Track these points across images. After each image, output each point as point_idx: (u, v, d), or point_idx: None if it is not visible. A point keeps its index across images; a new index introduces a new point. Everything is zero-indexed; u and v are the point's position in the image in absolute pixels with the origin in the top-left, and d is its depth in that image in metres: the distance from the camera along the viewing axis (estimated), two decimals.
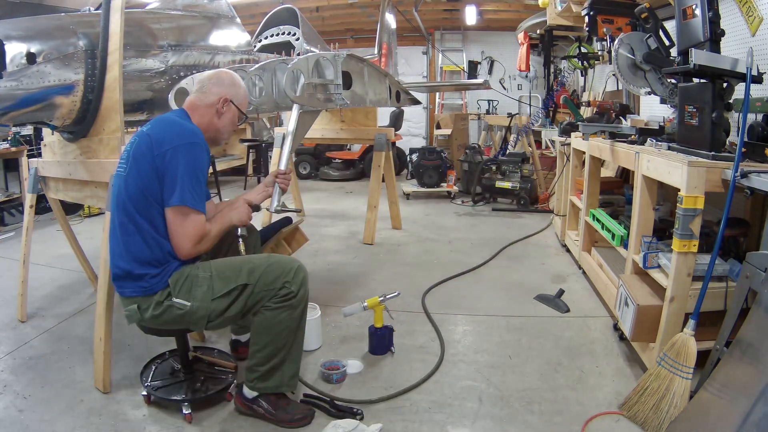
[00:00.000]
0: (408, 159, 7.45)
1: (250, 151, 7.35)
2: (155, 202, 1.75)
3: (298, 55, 3.30)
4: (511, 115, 6.96)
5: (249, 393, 1.95)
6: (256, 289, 1.83)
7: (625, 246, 2.64)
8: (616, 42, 2.76)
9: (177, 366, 2.15)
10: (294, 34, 3.84)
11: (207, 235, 1.81)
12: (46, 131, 2.64)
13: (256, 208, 2.11)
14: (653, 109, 3.83)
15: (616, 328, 2.62)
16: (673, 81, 2.65)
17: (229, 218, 1.94)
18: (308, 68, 3.03)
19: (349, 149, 8.17)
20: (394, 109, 7.38)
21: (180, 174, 1.73)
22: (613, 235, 2.80)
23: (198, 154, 1.79)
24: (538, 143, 6.87)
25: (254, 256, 1.96)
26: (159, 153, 1.73)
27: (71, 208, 5.09)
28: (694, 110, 2.09)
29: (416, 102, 4.78)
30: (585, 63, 5.49)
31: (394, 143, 7.04)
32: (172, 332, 1.99)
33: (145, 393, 2.05)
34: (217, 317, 1.83)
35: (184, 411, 1.94)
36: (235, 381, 2.09)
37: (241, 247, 2.07)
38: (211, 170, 5.98)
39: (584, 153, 3.48)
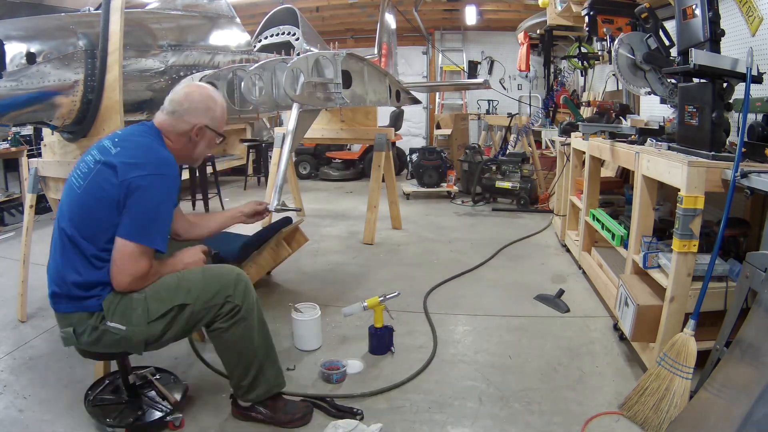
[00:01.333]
0: (408, 159, 7.46)
1: (250, 151, 7.35)
2: (107, 227, 1.63)
3: (298, 55, 3.30)
4: (511, 115, 6.96)
5: (244, 402, 1.92)
6: (196, 308, 1.72)
7: (625, 246, 2.64)
8: (616, 42, 2.76)
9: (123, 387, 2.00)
10: (294, 34, 3.84)
11: (147, 277, 1.67)
12: (46, 131, 2.64)
13: (213, 254, 2.00)
14: (653, 109, 3.83)
15: (616, 328, 2.62)
16: (673, 81, 2.65)
17: (181, 266, 1.80)
18: (308, 67, 3.04)
19: (349, 149, 8.17)
20: (394, 109, 7.38)
21: (142, 209, 1.62)
22: (613, 235, 2.80)
23: (167, 186, 1.67)
24: (538, 143, 6.88)
25: (189, 272, 1.78)
26: (124, 181, 1.60)
27: None
28: (694, 110, 2.09)
29: (416, 101, 4.78)
30: (585, 63, 5.50)
31: (394, 143, 7.04)
32: (111, 356, 1.89)
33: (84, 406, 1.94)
34: (156, 341, 1.72)
35: (110, 430, 1.85)
36: (175, 416, 1.91)
37: None
38: (211, 170, 6.00)
39: (584, 153, 3.47)
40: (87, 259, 1.65)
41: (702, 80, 2.08)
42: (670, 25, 2.64)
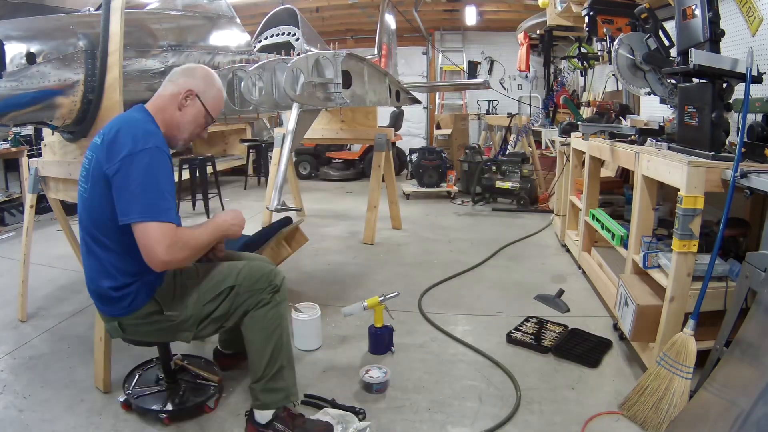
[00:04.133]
0: (408, 159, 7.45)
1: (250, 151, 7.36)
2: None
3: (298, 55, 3.30)
4: (511, 116, 6.96)
5: (262, 417, 1.84)
6: (241, 290, 1.81)
7: (625, 246, 2.65)
8: (615, 42, 2.76)
9: (161, 374, 2.10)
10: (294, 35, 3.84)
11: (178, 242, 1.58)
12: (46, 131, 2.64)
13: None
14: (653, 110, 3.83)
15: (615, 327, 2.63)
16: (672, 81, 2.65)
17: (223, 228, 1.78)
18: (308, 67, 3.04)
19: (349, 149, 8.17)
20: (394, 109, 7.38)
21: (136, 188, 1.55)
22: (613, 235, 2.80)
23: (155, 159, 1.59)
24: (538, 143, 6.87)
25: (235, 262, 1.91)
26: (111, 169, 1.57)
27: (72, 210, 5.08)
28: (694, 110, 2.10)
29: (416, 101, 4.78)
30: (585, 63, 5.48)
31: (394, 143, 7.04)
32: (155, 342, 1.96)
33: (122, 399, 2.00)
34: (205, 320, 1.80)
35: (161, 416, 1.92)
36: (217, 394, 2.02)
37: None
38: (211, 171, 6.00)
39: (584, 153, 3.48)
40: (115, 258, 1.67)
41: (702, 80, 2.08)
42: (670, 26, 2.65)
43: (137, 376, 2.14)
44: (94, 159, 1.65)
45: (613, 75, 4.56)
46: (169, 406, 1.96)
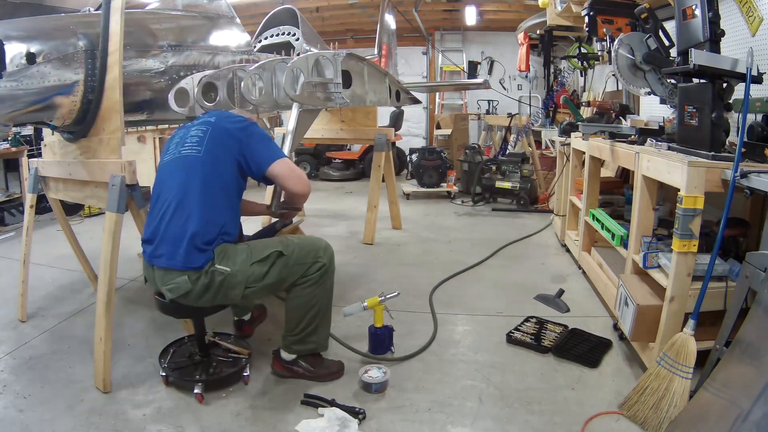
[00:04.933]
0: (408, 159, 7.45)
1: None
2: (228, 180, 1.99)
3: (298, 55, 3.30)
4: (511, 115, 6.96)
5: (287, 356, 2.16)
6: (291, 261, 2.01)
7: (625, 246, 2.65)
8: (615, 42, 2.76)
9: (194, 350, 2.26)
10: (294, 35, 3.84)
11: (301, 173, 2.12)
12: (46, 131, 2.64)
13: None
14: (653, 110, 3.83)
15: (615, 327, 2.63)
16: (672, 81, 2.65)
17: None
18: (308, 67, 3.03)
19: (349, 149, 8.17)
20: (394, 109, 7.38)
21: (261, 142, 2.03)
22: (613, 235, 2.80)
23: (258, 126, 2.11)
24: (538, 143, 6.87)
25: (288, 237, 2.20)
26: (236, 133, 2.01)
27: (72, 210, 5.09)
28: (694, 110, 2.10)
29: (416, 101, 4.78)
30: (585, 63, 5.49)
31: (394, 143, 7.04)
32: (192, 313, 2.12)
33: (163, 374, 2.17)
34: (255, 282, 1.97)
35: (196, 391, 2.05)
36: (248, 365, 2.21)
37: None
38: None
39: (584, 153, 3.48)
40: (213, 214, 1.94)
41: (702, 80, 2.08)
42: (670, 26, 2.65)
43: (171, 351, 2.30)
44: (211, 130, 2.02)
45: (613, 75, 4.57)
46: (204, 377, 2.12)
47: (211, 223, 1.94)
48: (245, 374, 2.19)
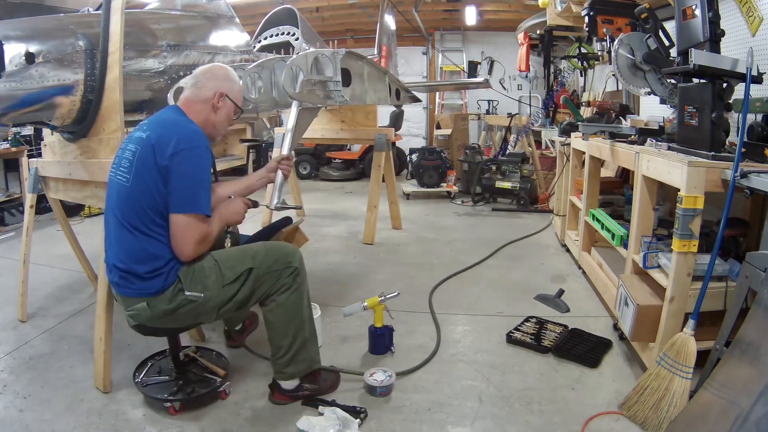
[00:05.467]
0: (408, 159, 7.45)
1: (250, 151, 7.32)
2: (161, 210, 1.76)
3: None
4: (511, 115, 6.96)
5: (289, 384, 2.05)
6: (260, 272, 1.90)
7: (625, 246, 2.64)
8: (615, 42, 2.76)
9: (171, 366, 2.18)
10: (293, 34, 3.84)
11: (208, 237, 1.82)
12: (46, 131, 2.64)
13: (254, 204, 2.11)
14: (653, 110, 3.83)
15: (615, 327, 2.63)
16: (672, 81, 2.65)
17: (226, 218, 1.95)
18: (307, 65, 3.03)
19: (349, 149, 8.17)
20: (394, 109, 7.38)
21: (187, 181, 1.75)
22: (613, 235, 2.80)
23: (202, 156, 1.80)
24: (538, 143, 6.87)
25: (253, 244, 2.04)
26: (162, 161, 1.73)
27: (72, 211, 5.09)
28: (694, 110, 2.09)
29: (416, 99, 4.78)
30: (585, 63, 5.49)
31: (394, 143, 7.03)
32: (169, 331, 2.01)
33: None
34: (227, 303, 1.88)
35: (166, 405, 1.99)
36: (223, 387, 2.10)
37: (228, 244, 2.09)
38: (211, 171, 5.99)
39: (584, 153, 3.47)
40: (150, 245, 1.76)
41: (702, 80, 2.08)
42: (670, 26, 2.65)
43: (149, 365, 2.23)
44: (140, 152, 1.77)
45: (613, 75, 4.57)
46: (174, 396, 2.02)
47: (144, 257, 1.75)
48: (220, 390, 2.08)
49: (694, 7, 2.10)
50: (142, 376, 2.14)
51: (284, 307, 1.96)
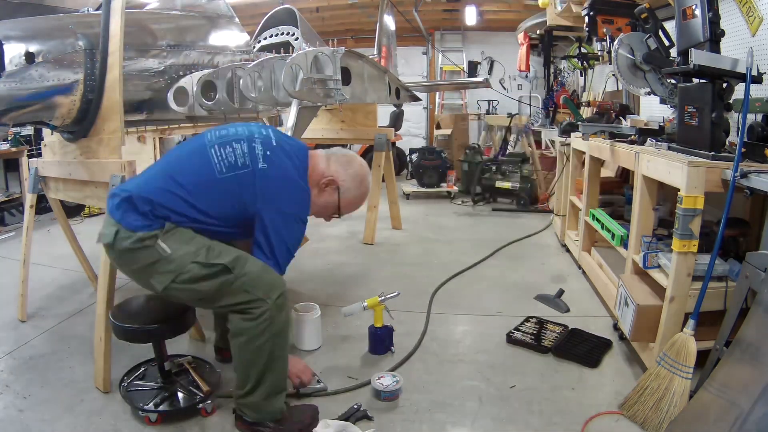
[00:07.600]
0: (408, 159, 7.45)
1: None
2: (230, 212, 1.77)
3: None
4: (511, 115, 6.96)
5: (251, 417, 1.83)
6: (235, 283, 1.71)
7: (625, 246, 2.65)
8: (615, 42, 2.76)
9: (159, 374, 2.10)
10: (293, 34, 3.84)
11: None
12: (46, 131, 2.64)
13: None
14: (653, 110, 3.83)
15: (615, 327, 2.63)
16: (672, 81, 2.65)
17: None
18: (307, 64, 3.03)
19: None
20: (394, 109, 7.38)
21: (279, 239, 1.81)
22: (613, 235, 2.80)
23: (300, 229, 1.92)
24: (538, 143, 6.87)
25: (254, 258, 1.82)
26: (261, 208, 1.77)
27: (72, 211, 5.09)
28: (694, 110, 2.09)
29: (416, 98, 4.78)
30: (585, 63, 5.49)
31: (394, 143, 7.03)
32: (147, 338, 1.94)
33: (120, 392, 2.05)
34: (186, 282, 1.71)
35: (141, 414, 1.92)
36: (206, 402, 1.98)
37: None
38: None
39: (584, 153, 3.48)
40: (177, 206, 1.72)
41: (702, 80, 2.08)
42: (670, 26, 2.64)
43: (141, 369, 2.18)
44: (246, 174, 1.77)
45: (613, 75, 4.56)
46: (152, 406, 1.93)
47: (159, 210, 1.70)
48: (200, 407, 1.96)
49: (694, 7, 2.10)
50: (130, 380, 2.09)
51: (247, 337, 1.73)
